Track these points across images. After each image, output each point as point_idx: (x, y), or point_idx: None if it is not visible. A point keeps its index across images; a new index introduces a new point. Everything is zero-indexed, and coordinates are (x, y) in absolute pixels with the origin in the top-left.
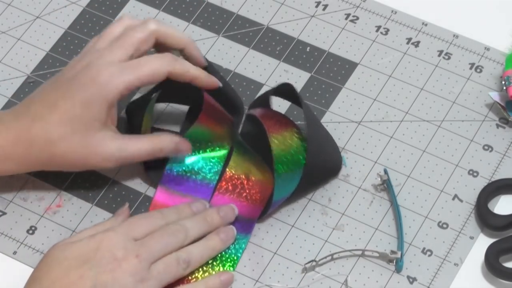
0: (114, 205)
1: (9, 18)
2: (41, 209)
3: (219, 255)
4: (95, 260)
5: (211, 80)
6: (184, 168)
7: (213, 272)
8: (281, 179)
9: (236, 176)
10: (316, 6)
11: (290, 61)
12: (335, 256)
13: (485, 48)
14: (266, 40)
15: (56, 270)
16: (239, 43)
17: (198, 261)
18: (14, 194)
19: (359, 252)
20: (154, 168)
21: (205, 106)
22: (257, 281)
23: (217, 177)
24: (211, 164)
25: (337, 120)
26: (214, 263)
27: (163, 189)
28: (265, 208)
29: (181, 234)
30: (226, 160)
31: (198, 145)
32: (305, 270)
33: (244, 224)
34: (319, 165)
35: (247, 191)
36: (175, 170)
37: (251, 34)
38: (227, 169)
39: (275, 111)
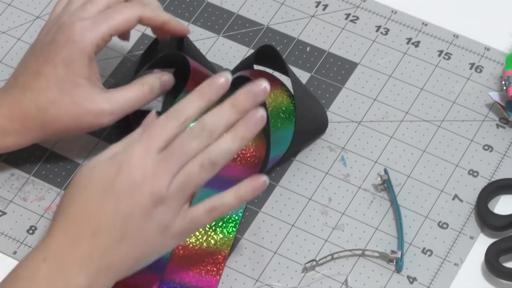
0: None
1: (9, 18)
2: (41, 209)
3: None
4: (114, 186)
5: (181, 25)
6: None
7: (215, 235)
8: (276, 136)
9: None
10: (316, 6)
11: (290, 61)
12: (335, 255)
13: (485, 48)
14: (266, 40)
15: (79, 201)
16: (239, 43)
17: (225, 158)
18: (14, 194)
19: (359, 252)
20: None
21: (192, 72)
22: (257, 280)
23: None
24: None
25: (337, 120)
26: (217, 224)
27: None
28: (261, 169)
29: (205, 134)
30: None
31: None
32: (305, 269)
33: None
34: (308, 121)
35: (241, 155)
36: None
37: (251, 34)
38: None
39: (261, 70)
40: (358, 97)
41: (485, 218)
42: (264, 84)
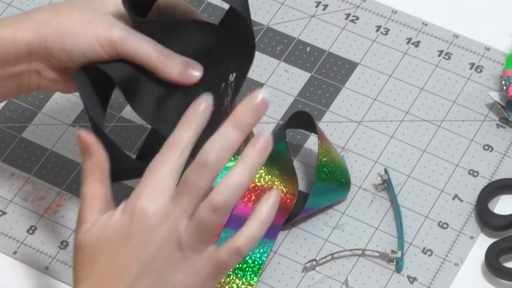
0: None
1: None
2: (41, 209)
3: (244, 259)
4: (131, 236)
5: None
6: None
7: (238, 280)
8: (318, 188)
9: (259, 187)
10: (316, 6)
11: (290, 61)
12: (335, 255)
13: (485, 48)
14: (266, 40)
15: (99, 263)
16: None
17: (237, 194)
18: (14, 194)
19: (360, 252)
20: None
21: None
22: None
23: None
24: None
25: (337, 120)
26: (241, 267)
27: None
28: (289, 216)
29: (209, 166)
30: None
31: None
32: (306, 269)
33: (270, 229)
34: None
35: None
36: None
37: None
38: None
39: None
40: (358, 97)
41: (485, 218)
42: (261, 95)
